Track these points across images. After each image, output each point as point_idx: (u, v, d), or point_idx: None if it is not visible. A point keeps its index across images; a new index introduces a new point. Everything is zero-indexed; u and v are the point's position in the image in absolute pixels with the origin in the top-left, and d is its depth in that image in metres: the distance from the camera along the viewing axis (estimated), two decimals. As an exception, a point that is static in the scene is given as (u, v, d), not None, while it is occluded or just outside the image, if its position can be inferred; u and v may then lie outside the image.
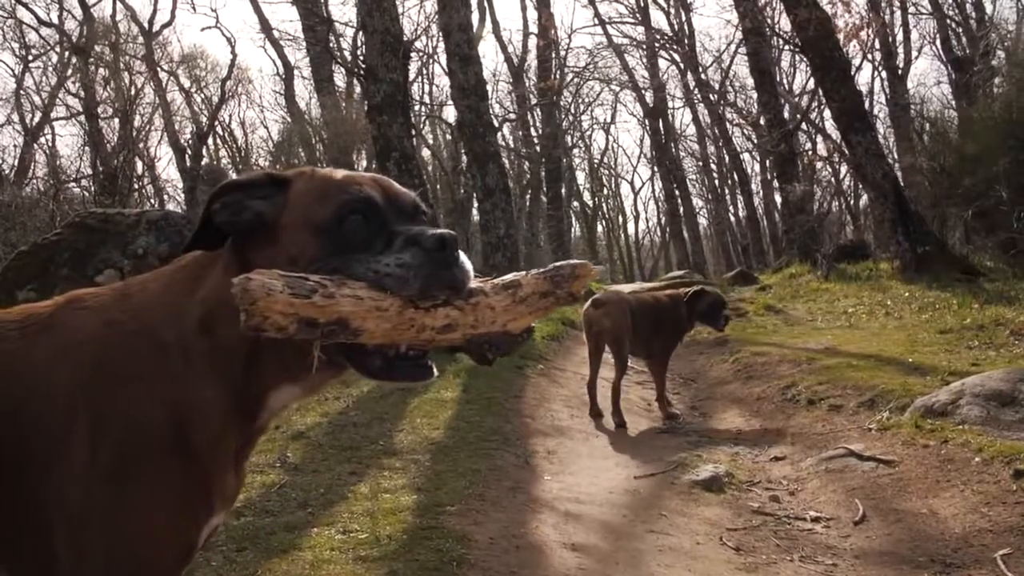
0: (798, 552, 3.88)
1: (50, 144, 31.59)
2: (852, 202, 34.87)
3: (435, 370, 1.50)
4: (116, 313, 1.52)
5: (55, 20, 30.18)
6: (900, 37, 28.50)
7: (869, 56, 27.02)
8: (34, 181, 26.66)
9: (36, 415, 1.44)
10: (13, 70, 37.54)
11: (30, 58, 30.34)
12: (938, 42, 28.74)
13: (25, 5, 29.09)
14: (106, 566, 1.42)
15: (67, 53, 29.84)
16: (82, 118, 29.21)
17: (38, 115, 30.38)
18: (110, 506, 1.41)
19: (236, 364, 1.51)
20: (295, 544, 3.54)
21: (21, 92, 30.17)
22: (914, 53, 30.98)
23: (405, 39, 11.64)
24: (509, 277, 1.54)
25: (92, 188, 25.00)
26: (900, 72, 27.45)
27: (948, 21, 27.13)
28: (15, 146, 29.79)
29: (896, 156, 23.93)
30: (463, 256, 1.46)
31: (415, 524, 3.79)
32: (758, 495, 4.86)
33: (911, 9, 29.04)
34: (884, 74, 28.98)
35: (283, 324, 1.28)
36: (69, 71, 29.70)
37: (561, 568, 3.51)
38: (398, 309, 1.36)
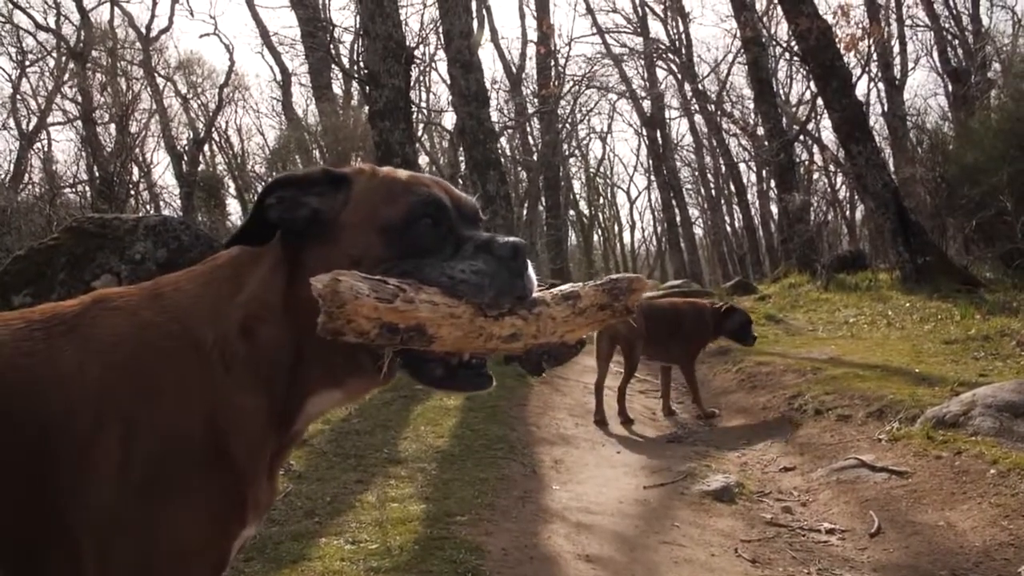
0: (815, 564, 3.81)
1: (46, 149, 31.55)
2: (848, 213, 34.98)
3: (494, 380, 1.47)
4: (149, 314, 1.44)
5: (52, 25, 30.13)
6: (897, 49, 28.59)
7: (866, 67, 27.10)
8: (30, 186, 26.62)
9: (62, 422, 1.35)
10: (10, 75, 37.52)
11: (27, 63, 30.27)
12: (935, 54, 28.85)
13: (22, 10, 29.01)
14: None
15: (64, 58, 29.77)
16: (79, 123, 29.17)
17: (35, 120, 30.37)
18: (142, 521, 1.34)
19: (278, 368, 1.45)
20: (304, 554, 3.46)
21: (18, 97, 30.12)
22: (910, 65, 31.16)
23: (407, 45, 11.59)
24: (567, 288, 1.52)
25: (88, 193, 24.92)
26: (897, 83, 27.52)
27: (945, 33, 27.22)
28: (11, 151, 29.74)
29: (893, 167, 23.98)
30: (530, 265, 1.43)
31: (426, 534, 3.71)
32: (770, 506, 4.79)
33: (907, 21, 29.16)
34: (881, 85, 29.04)
35: (366, 329, 1.24)
36: (66, 76, 29.64)
37: (577, 580, 3.45)
38: (470, 317, 1.34)
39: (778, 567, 3.79)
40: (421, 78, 30.35)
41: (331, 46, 22.33)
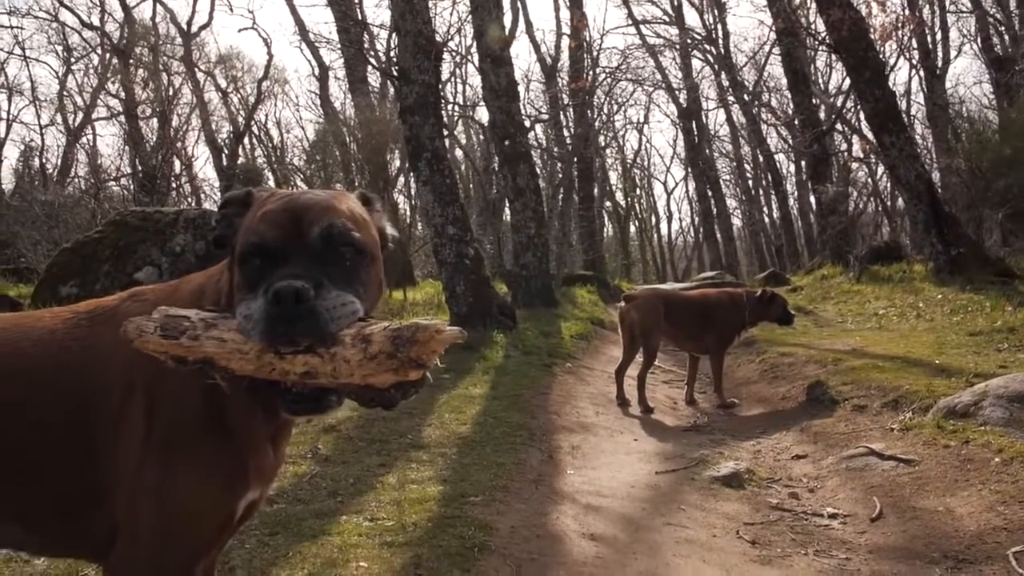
0: (813, 546, 3.95)
1: (91, 144, 32.41)
2: (888, 203, 34.47)
3: (330, 405, 1.51)
4: (167, 303, 1.69)
5: (97, 23, 30.96)
6: (939, 36, 28.09)
7: (907, 55, 26.72)
8: (76, 180, 27.43)
9: (101, 394, 1.64)
10: (56, 72, 38.56)
11: (72, 60, 31.18)
12: (978, 40, 28.26)
13: (68, 8, 29.86)
14: (157, 533, 1.59)
15: (108, 55, 30.58)
16: (122, 118, 30.01)
17: (80, 115, 31.22)
18: (162, 481, 1.59)
19: None
20: (325, 530, 3.70)
21: (64, 93, 31.01)
22: (953, 52, 30.55)
23: (437, 40, 11.79)
24: (372, 328, 1.45)
25: (131, 187, 25.58)
26: (938, 72, 27.05)
27: (989, 19, 26.66)
28: (58, 146, 30.68)
29: (934, 156, 23.63)
30: (325, 304, 1.44)
31: (440, 513, 3.93)
32: (777, 491, 4.93)
33: (951, 7, 28.62)
34: (922, 73, 28.55)
35: (162, 359, 1.49)
36: (110, 72, 30.42)
37: (579, 556, 3.63)
38: (257, 354, 1.44)
39: (776, 548, 3.93)
40: (457, 71, 30.59)
41: (365, 42, 22.62)
